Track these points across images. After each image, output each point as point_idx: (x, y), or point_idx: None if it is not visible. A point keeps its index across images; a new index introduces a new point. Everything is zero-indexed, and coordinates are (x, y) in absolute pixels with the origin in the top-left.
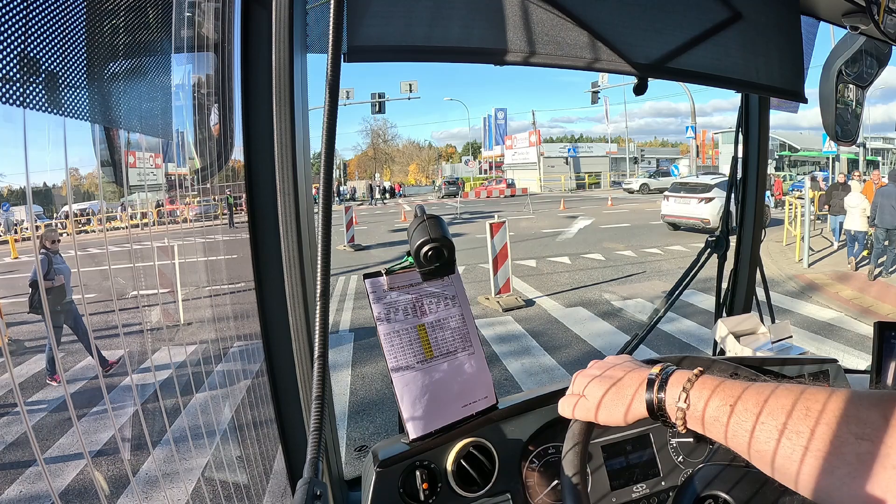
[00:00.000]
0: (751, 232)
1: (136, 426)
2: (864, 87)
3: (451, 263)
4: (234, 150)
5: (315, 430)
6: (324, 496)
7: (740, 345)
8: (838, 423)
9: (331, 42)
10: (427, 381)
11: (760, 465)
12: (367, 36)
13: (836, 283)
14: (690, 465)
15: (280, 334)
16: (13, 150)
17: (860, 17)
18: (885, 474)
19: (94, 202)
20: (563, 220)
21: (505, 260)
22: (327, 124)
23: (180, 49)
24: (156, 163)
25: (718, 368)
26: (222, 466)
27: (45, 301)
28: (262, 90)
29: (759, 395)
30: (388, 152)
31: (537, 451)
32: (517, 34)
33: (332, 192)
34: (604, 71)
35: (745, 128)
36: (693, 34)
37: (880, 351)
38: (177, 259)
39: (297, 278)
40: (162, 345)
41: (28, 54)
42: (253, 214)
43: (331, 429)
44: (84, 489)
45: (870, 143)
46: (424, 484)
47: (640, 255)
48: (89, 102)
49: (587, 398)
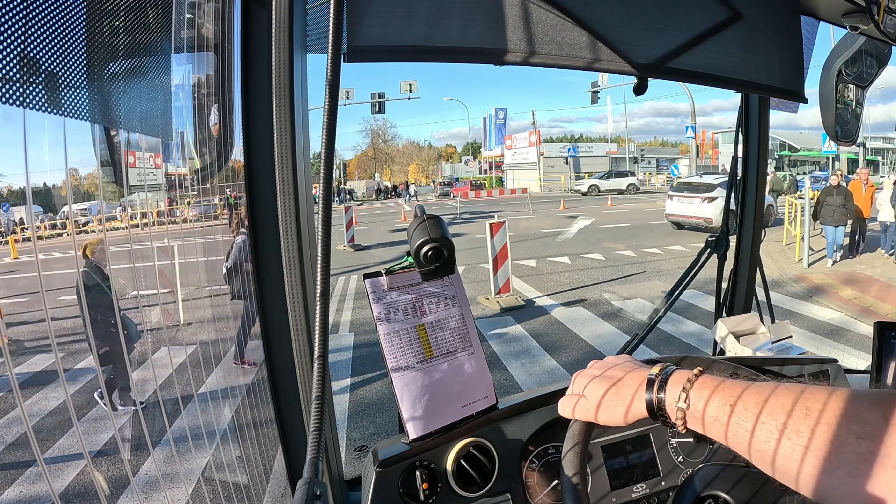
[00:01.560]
0: (751, 232)
1: (136, 426)
2: (863, 87)
3: (451, 263)
4: (234, 150)
5: (315, 430)
6: (324, 496)
7: (740, 345)
8: (838, 422)
9: (331, 42)
10: (427, 381)
11: (761, 465)
12: (366, 36)
13: (837, 283)
14: (690, 465)
15: (280, 334)
16: (13, 150)
17: (860, 17)
18: (886, 474)
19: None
20: (562, 220)
21: (505, 260)
22: (327, 124)
23: (180, 49)
24: (156, 163)
25: (718, 368)
26: (222, 466)
27: (246, 284)
28: (262, 90)
29: (760, 395)
30: (388, 152)
31: (537, 451)
32: (517, 34)
33: (333, 192)
34: (604, 71)
35: (745, 128)
36: (693, 34)
37: (880, 351)
38: (177, 259)
39: (297, 278)
40: (162, 345)
41: (28, 54)
42: (253, 214)
43: (331, 429)
44: (84, 489)
45: (870, 143)
46: (424, 484)
47: (640, 255)
48: (89, 102)
49: (587, 398)
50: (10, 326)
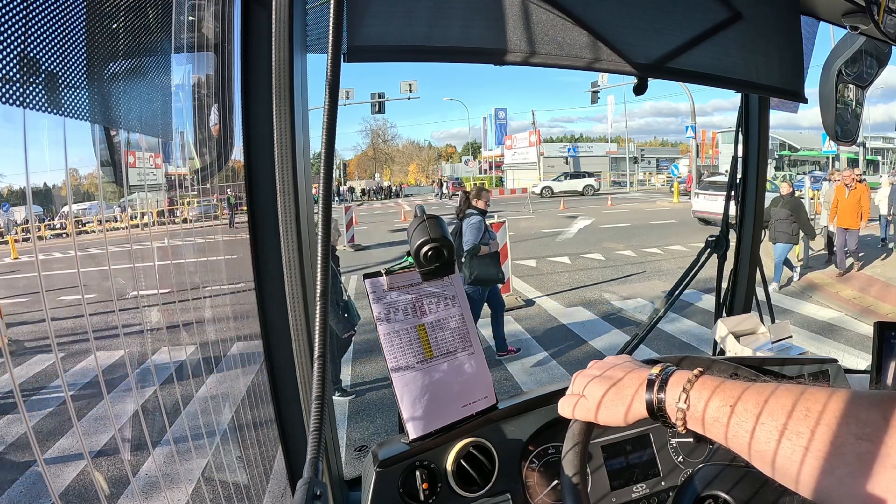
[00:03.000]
0: (751, 232)
1: (135, 426)
2: (863, 87)
3: (451, 263)
4: (234, 150)
5: (315, 430)
6: (324, 496)
7: (740, 345)
8: (838, 423)
9: (331, 42)
10: (427, 381)
11: (761, 466)
12: (367, 36)
13: (836, 282)
14: (690, 465)
15: (280, 334)
16: (13, 150)
17: (860, 17)
18: (886, 474)
19: (94, 202)
20: (562, 220)
21: (505, 260)
22: (327, 124)
23: (180, 49)
24: (156, 163)
25: (718, 368)
26: (222, 467)
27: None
28: (262, 90)
29: (760, 396)
30: (388, 152)
31: (537, 451)
32: (517, 34)
33: (332, 192)
34: (604, 71)
35: (745, 128)
36: (693, 34)
37: (880, 351)
38: (176, 259)
39: (297, 278)
40: (162, 345)
41: (28, 54)
42: (253, 214)
43: (331, 429)
44: (84, 490)
45: (870, 143)
46: (424, 484)
47: (640, 254)
48: (89, 102)
49: (587, 398)
50: (10, 326)
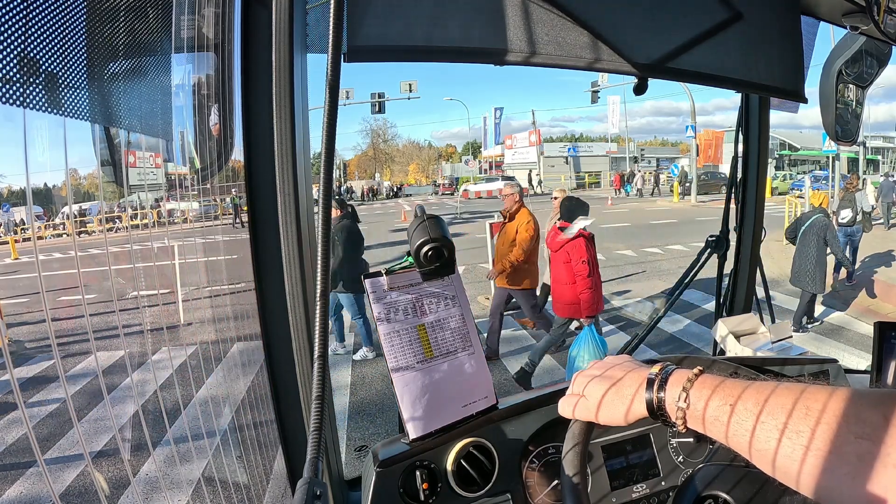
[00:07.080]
0: (751, 232)
1: (136, 427)
2: (864, 86)
3: (451, 263)
4: (234, 150)
5: (315, 430)
6: (324, 496)
7: (740, 345)
8: (839, 422)
9: (331, 42)
10: (427, 381)
11: (761, 465)
12: (367, 36)
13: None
14: (690, 465)
15: (280, 334)
16: (13, 150)
17: (860, 17)
18: (886, 473)
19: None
20: None
21: None
22: (327, 124)
23: (180, 49)
24: (156, 163)
25: (718, 368)
26: (222, 467)
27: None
28: (262, 90)
29: (760, 395)
30: (388, 152)
31: (537, 451)
32: (517, 34)
33: (332, 192)
34: (604, 71)
35: (745, 127)
36: (693, 34)
37: (880, 351)
38: (177, 259)
39: (297, 278)
40: (162, 345)
41: (28, 54)
42: (253, 214)
43: (331, 429)
44: (84, 490)
45: (870, 142)
46: (424, 484)
47: (640, 254)
48: (89, 102)
49: (587, 398)
50: (11, 327)
